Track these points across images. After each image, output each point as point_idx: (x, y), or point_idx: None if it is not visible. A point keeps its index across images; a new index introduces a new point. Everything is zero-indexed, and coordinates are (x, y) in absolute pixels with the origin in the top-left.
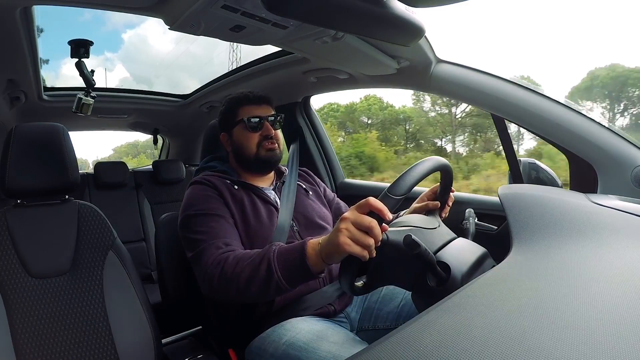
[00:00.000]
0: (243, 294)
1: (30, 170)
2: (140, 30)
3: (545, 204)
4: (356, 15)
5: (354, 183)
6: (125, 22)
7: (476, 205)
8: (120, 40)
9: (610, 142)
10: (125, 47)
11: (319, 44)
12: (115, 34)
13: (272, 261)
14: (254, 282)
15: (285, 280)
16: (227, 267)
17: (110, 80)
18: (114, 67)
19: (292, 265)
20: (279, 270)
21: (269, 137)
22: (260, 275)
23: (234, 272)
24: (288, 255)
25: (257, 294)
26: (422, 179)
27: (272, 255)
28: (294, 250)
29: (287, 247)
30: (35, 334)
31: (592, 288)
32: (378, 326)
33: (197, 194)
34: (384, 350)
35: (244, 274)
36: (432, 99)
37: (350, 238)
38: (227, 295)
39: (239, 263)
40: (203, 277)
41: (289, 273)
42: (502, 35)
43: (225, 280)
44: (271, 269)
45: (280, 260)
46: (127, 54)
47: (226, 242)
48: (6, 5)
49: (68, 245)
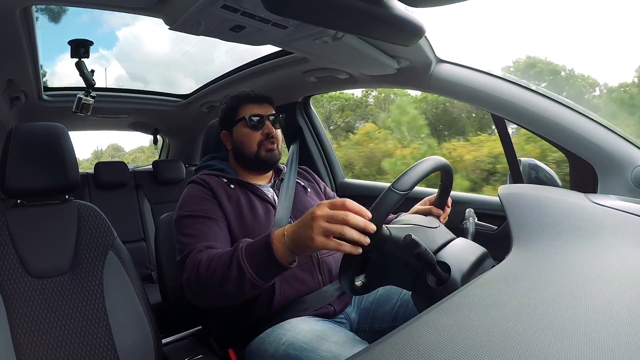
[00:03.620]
0: (220, 296)
1: (30, 170)
2: (134, 29)
3: (545, 204)
4: (356, 15)
5: (354, 183)
6: (121, 21)
7: (476, 205)
8: (115, 37)
9: (610, 142)
10: (120, 45)
11: (319, 44)
12: (110, 31)
13: (242, 259)
14: (228, 282)
15: (257, 277)
16: (201, 269)
17: (104, 77)
18: (109, 65)
19: (261, 261)
20: (249, 267)
21: (270, 136)
22: (232, 275)
23: (207, 274)
24: (255, 251)
25: (233, 294)
26: (425, 177)
27: (240, 253)
28: (259, 245)
29: (253, 242)
30: (35, 333)
31: (592, 288)
32: (375, 327)
33: (190, 195)
34: (384, 350)
35: (217, 276)
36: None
37: (324, 234)
38: (205, 298)
39: (210, 264)
40: (184, 282)
41: (259, 269)
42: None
43: (202, 283)
44: (242, 268)
45: (248, 257)
46: (122, 52)
47: (209, 245)
48: (6, 5)
49: (68, 245)
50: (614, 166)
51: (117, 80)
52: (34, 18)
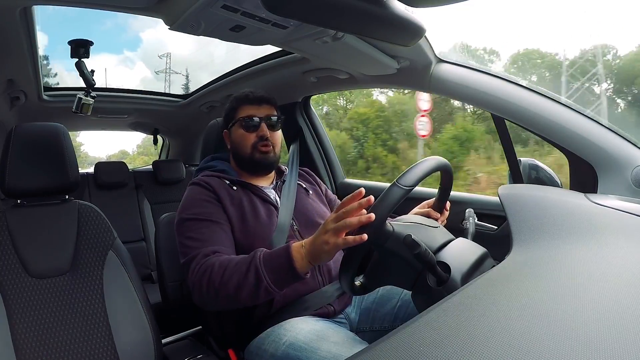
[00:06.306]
0: (233, 301)
1: (30, 170)
2: (157, 31)
3: (545, 204)
4: (356, 15)
5: (354, 183)
6: (144, 23)
7: (476, 205)
8: (139, 39)
9: (610, 142)
10: (144, 47)
11: (319, 44)
12: (134, 35)
13: (260, 267)
14: (244, 289)
15: (274, 284)
16: (214, 275)
17: (131, 79)
18: (134, 66)
19: (280, 269)
20: (267, 275)
21: (264, 138)
22: (249, 282)
23: (222, 280)
24: (274, 260)
25: (246, 300)
26: (428, 175)
27: (258, 262)
28: (279, 255)
29: (272, 252)
30: (35, 334)
31: (592, 288)
32: (375, 327)
33: (193, 197)
34: (385, 349)
35: (232, 282)
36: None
37: (335, 234)
38: (216, 302)
39: (225, 271)
40: (192, 286)
41: (277, 277)
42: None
43: (214, 288)
44: (259, 275)
45: (267, 266)
46: (146, 54)
47: (215, 249)
48: (6, 5)
49: (68, 245)
50: (614, 166)
51: (143, 81)
52: (34, 18)
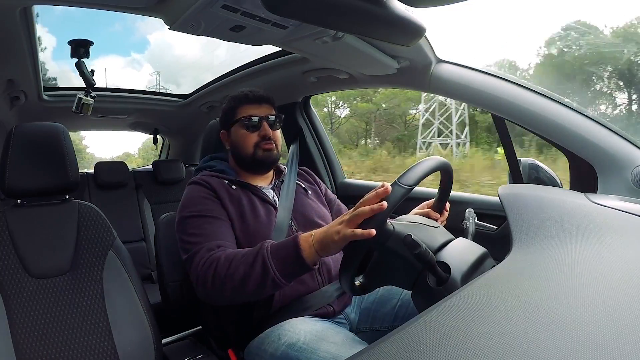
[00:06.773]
0: (239, 293)
1: (30, 170)
2: (164, 34)
3: (545, 204)
4: (356, 15)
5: (353, 183)
6: (152, 26)
7: (476, 205)
8: (146, 41)
9: (610, 142)
10: (152, 49)
11: (319, 44)
12: (141, 37)
13: (267, 258)
14: (250, 280)
15: (281, 276)
16: (220, 268)
17: (138, 80)
18: (142, 68)
19: (288, 260)
20: (274, 266)
21: (267, 137)
22: (256, 273)
23: (227, 272)
24: (282, 250)
25: (253, 292)
26: (428, 175)
27: (265, 252)
28: (287, 245)
29: (279, 243)
30: (35, 333)
31: (592, 288)
32: (375, 327)
33: (193, 195)
34: (384, 350)
35: (238, 273)
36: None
37: (347, 225)
38: (222, 296)
39: (232, 263)
40: (196, 280)
41: (285, 268)
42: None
43: (220, 281)
44: (266, 266)
45: (274, 256)
46: (154, 55)
47: (218, 244)
48: (6, 5)
49: (68, 245)
50: (614, 166)
51: (150, 82)
52: (34, 18)
